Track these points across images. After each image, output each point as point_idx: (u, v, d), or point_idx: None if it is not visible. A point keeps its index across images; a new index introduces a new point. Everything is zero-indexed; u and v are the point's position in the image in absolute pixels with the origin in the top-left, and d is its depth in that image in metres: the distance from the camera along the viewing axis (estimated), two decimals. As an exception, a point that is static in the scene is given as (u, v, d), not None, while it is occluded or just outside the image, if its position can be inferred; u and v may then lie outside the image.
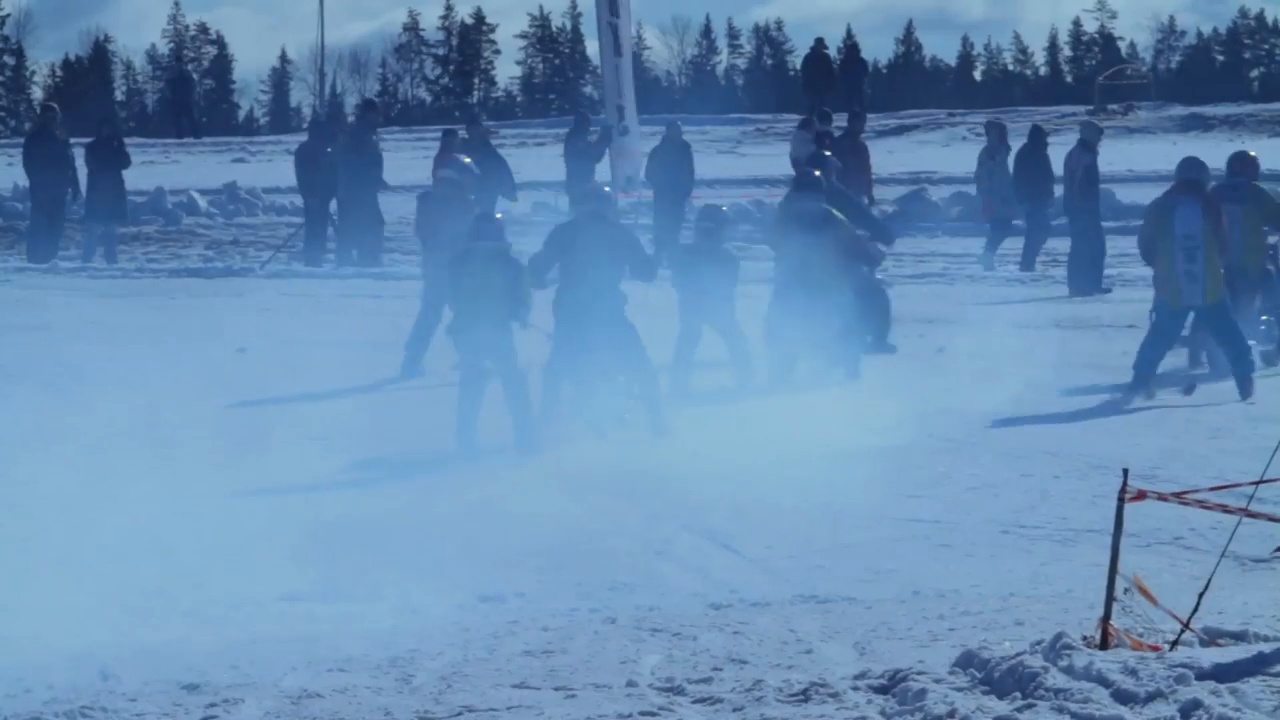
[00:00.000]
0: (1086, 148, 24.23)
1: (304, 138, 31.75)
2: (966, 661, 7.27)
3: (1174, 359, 16.14)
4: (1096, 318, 20.60)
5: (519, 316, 13.65)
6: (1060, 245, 25.22)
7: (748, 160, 39.04)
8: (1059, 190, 25.29)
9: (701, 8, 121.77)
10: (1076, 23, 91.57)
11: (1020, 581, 9.45)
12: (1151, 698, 6.68)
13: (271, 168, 38.38)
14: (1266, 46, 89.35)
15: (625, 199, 33.41)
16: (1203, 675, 6.80)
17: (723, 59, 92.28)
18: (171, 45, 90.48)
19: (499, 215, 14.39)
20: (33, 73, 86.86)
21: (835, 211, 16.72)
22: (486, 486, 11.74)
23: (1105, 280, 23.58)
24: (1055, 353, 17.66)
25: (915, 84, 79.35)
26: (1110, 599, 7.42)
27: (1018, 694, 6.89)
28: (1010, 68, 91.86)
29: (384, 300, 22.81)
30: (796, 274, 16.21)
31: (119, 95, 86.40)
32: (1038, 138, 25.91)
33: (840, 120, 30.41)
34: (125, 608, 8.86)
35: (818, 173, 17.50)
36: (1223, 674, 6.82)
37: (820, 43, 41.20)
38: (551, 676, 7.54)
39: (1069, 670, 6.97)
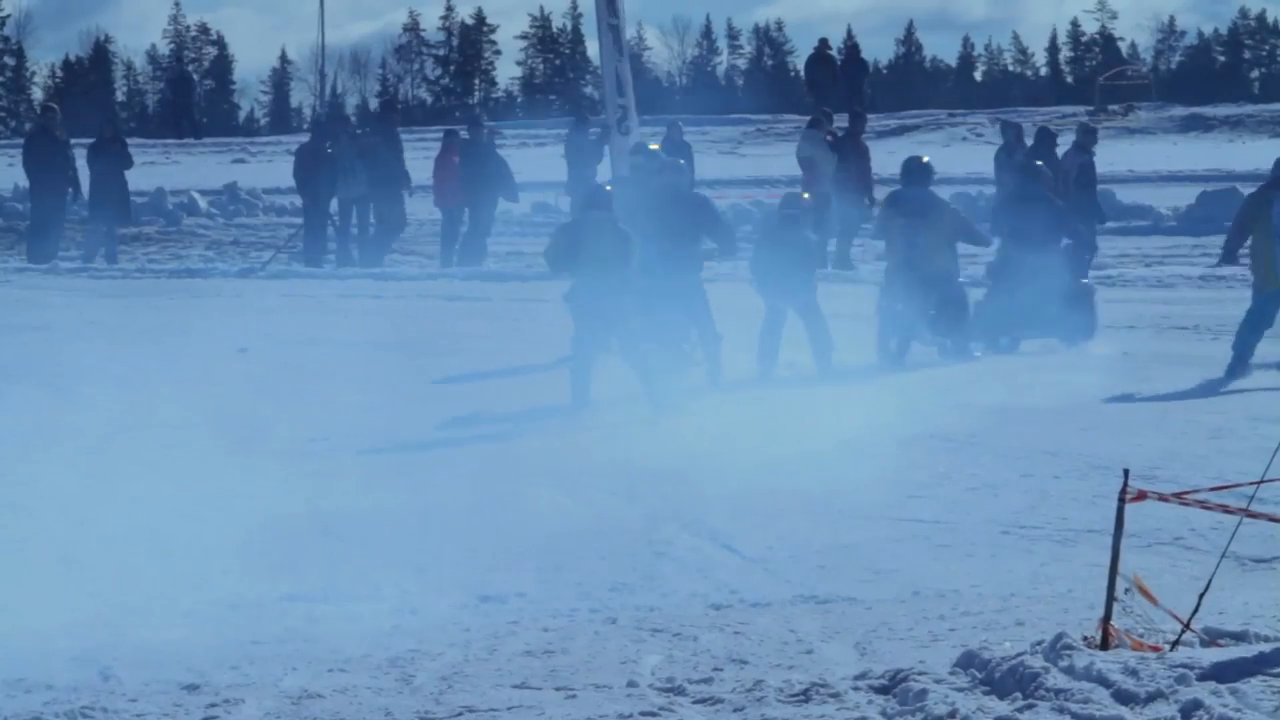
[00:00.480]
0: (1080, 149, 24.36)
1: (305, 138, 31.81)
2: (967, 662, 7.26)
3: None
4: (1096, 318, 20.58)
5: (630, 279, 14.79)
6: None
7: (748, 160, 39.09)
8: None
9: (703, 8, 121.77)
10: (1075, 23, 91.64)
11: (1020, 581, 9.45)
12: (1152, 698, 6.67)
13: (272, 168, 38.40)
14: (1267, 47, 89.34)
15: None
16: (1203, 675, 6.80)
17: (723, 59, 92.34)
18: (172, 46, 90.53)
19: (608, 188, 15.69)
20: (33, 73, 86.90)
21: (941, 197, 17.70)
22: (487, 486, 11.73)
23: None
24: (1055, 352, 17.66)
25: (916, 85, 79.34)
26: (1111, 599, 7.42)
27: (1018, 694, 6.89)
28: (1010, 68, 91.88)
29: (385, 300, 22.82)
30: (905, 259, 17.14)
31: (119, 96, 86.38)
32: (1045, 139, 25.96)
33: (841, 121, 30.42)
34: (125, 608, 8.85)
35: (925, 159, 18.57)
36: (1223, 674, 6.82)
37: (824, 43, 41.22)
38: (552, 677, 7.54)
39: (1070, 670, 6.96)
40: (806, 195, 18.97)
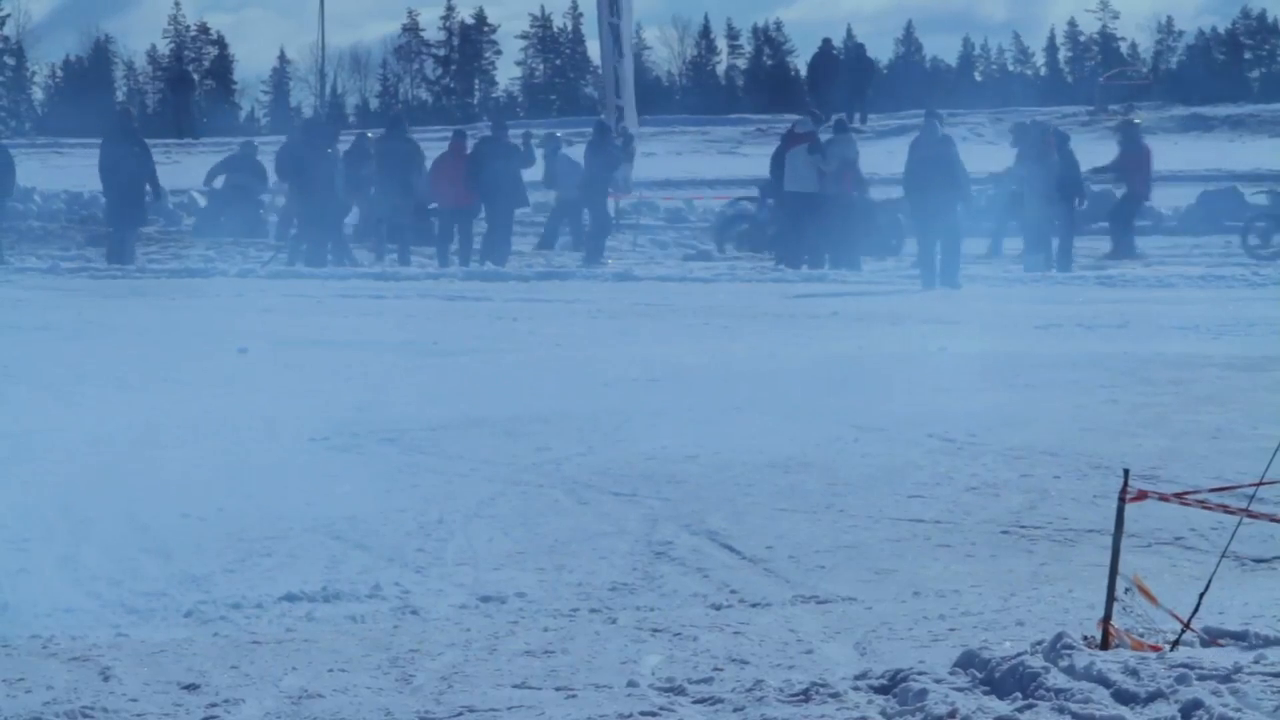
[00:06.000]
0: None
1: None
2: (967, 661, 7.25)
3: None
4: (1095, 317, 20.62)
5: None
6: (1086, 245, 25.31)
7: (749, 160, 39.07)
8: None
9: (707, 8, 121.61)
10: (1073, 23, 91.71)
11: (1020, 581, 9.44)
12: (1152, 698, 6.66)
13: (272, 168, 38.36)
14: (1267, 47, 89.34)
15: (625, 200, 33.54)
16: (1203, 675, 6.79)
17: (723, 59, 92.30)
18: (172, 45, 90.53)
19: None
20: (33, 73, 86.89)
21: None
22: (486, 487, 11.73)
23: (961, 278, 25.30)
24: (1054, 352, 17.67)
25: (916, 84, 79.31)
26: (1111, 599, 7.41)
27: (1018, 694, 6.88)
28: (1010, 68, 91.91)
29: (385, 300, 22.82)
30: None
31: (119, 95, 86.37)
32: (1060, 140, 26.26)
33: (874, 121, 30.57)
34: (125, 608, 8.85)
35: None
36: (1223, 674, 6.81)
37: (827, 43, 41.36)
38: (552, 676, 7.53)
39: (1070, 670, 6.96)
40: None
